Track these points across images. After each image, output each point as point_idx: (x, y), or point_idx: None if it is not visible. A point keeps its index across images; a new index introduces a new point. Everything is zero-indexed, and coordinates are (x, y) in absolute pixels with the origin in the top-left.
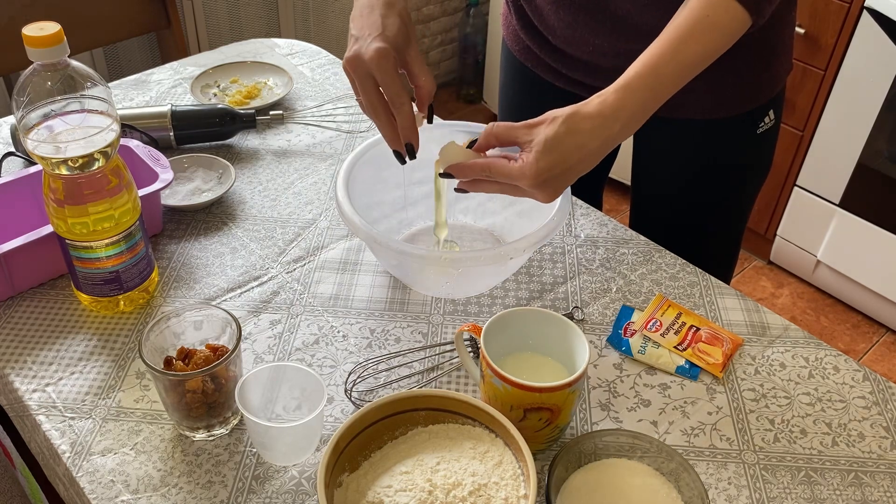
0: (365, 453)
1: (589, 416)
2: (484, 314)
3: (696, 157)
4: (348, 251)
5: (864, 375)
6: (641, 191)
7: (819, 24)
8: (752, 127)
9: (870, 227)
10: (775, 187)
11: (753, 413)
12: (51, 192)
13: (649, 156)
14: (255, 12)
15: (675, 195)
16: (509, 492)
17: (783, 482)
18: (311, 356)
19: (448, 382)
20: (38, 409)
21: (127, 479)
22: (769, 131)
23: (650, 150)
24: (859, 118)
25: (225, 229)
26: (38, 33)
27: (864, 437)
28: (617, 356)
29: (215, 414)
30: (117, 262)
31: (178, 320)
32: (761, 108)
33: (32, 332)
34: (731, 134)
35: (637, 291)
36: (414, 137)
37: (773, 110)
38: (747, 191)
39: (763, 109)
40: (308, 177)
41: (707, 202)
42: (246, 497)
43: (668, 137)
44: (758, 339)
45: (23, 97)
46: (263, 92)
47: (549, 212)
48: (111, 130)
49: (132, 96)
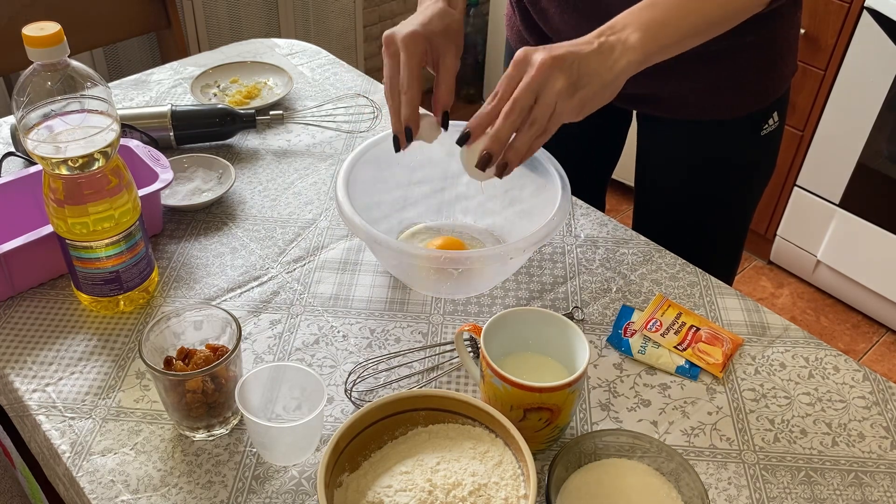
0: (365, 453)
1: (589, 416)
2: (484, 314)
3: (699, 158)
4: (348, 251)
5: (864, 375)
6: (645, 191)
7: (819, 24)
8: (755, 128)
9: (870, 227)
10: (775, 187)
11: (753, 413)
12: (51, 192)
13: (653, 155)
14: (255, 12)
15: (678, 195)
16: (509, 492)
17: (783, 482)
18: (311, 356)
19: (448, 382)
20: (38, 409)
21: (127, 479)
22: (773, 133)
23: (654, 149)
24: (859, 118)
25: (225, 229)
26: (38, 33)
27: (864, 437)
28: (617, 356)
29: (215, 414)
30: (117, 262)
31: (178, 320)
32: (765, 110)
33: (32, 332)
34: (735, 135)
35: (637, 291)
36: (413, 122)
37: (778, 112)
38: (751, 192)
39: (767, 111)
40: (308, 177)
41: (709, 203)
42: (246, 497)
43: (671, 137)
44: (758, 339)
45: (23, 97)
46: (263, 92)
47: (549, 212)
48: (111, 130)
49: (132, 96)
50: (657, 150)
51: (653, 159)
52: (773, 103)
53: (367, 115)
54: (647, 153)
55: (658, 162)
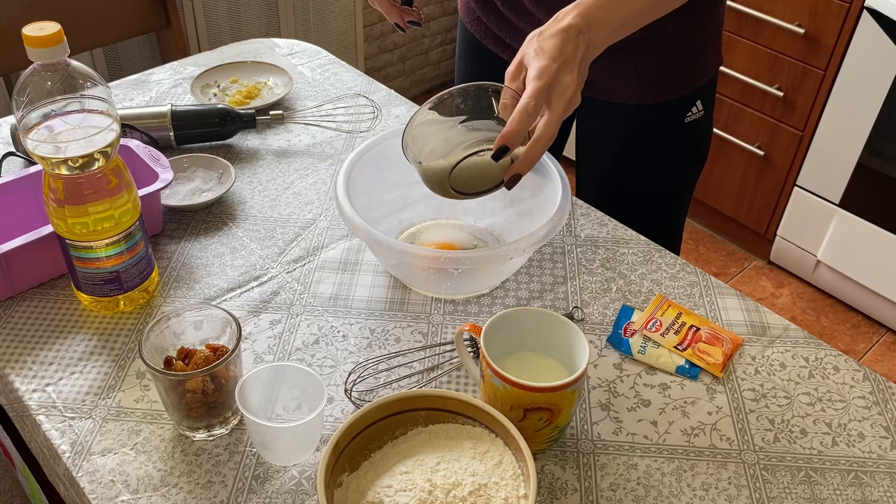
0: (365, 453)
1: (589, 416)
2: (484, 314)
3: (626, 139)
4: (348, 251)
5: (864, 375)
6: (582, 166)
7: (819, 24)
8: (679, 115)
9: (870, 227)
10: (775, 187)
11: (753, 413)
12: (51, 192)
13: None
14: (255, 12)
15: (609, 176)
16: (509, 492)
17: (783, 482)
18: (311, 356)
19: (448, 382)
20: (38, 409)
21: (127, 479)
22: (698, 122)
23: (589, 128)
24: (859, 118)
25: (225, 229)
26: (38, 33)
27: (864, 437)
28: (617, 356)
29: (215, 414)
30: (117, 262)
31: (178, 320)
32: (688, 98)
33: (32, 332)
34: (659, 120)
35: (637, 291)
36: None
37: (702, 101)
38: (679, 178)
39: (690, 99)
40: (308, 177)
41: (637, 187)
42: (246, 497)
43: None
44: (758, 339)
45: (23, 97)
46: (263, 92)
47: (549, 212)
48: (111, 130)
49: (132, 96)
50: (592, 128)
51: (588, 137)
52: (696, 92)
53: (367, 115)
54: (584, 131)
55: (592, 139)
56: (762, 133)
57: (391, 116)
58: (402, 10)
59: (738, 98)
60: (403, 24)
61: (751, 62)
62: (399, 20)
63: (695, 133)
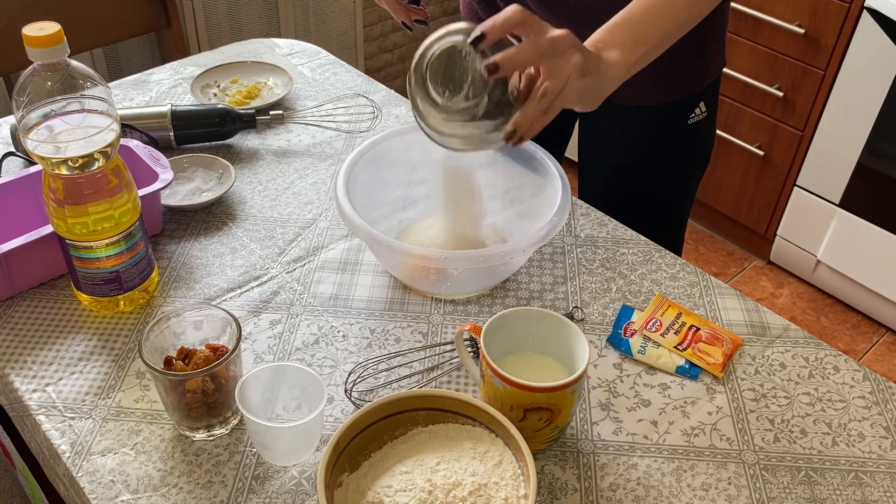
0: (365, 453)
1: (589, 416)
2: (484, 314)
3: (629, 139)
4: (348, 251)
5: (864, 375)
6: (584, 166)
7: (819, 24)
8: (682, 117)
9: (870, 227)
10: (775, 187)
11: (753, 413)
12: (51, 192)
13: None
14: (255, 12)
15: (612, 177)
16: (509, 492)
17: (783, 482)
18: (311, 356)
19: (448, 382)
20: (38, 409)
21: (127, 479)
22: (701, 123)
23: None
24: (859, 118)
25: (225, 229)
26: (38, 33)
27: (864, 437)
28: (617, 356)
29: (215, 414)
30: (117, 262)
31: (178, 320)
32: (691, 100)
33: (32, 332)
34: (662, 122)
35: (637, 291)
36: None
37: (705, 102)
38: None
39: (693, 101)
40: (308, 177)
41: (640, 188)
42: (246, 497)
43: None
44: (758, 339)
45: (23, 97)
46: (263, 92)
47: (549, 212)
48: (111, 130)
49: (132, 96)
50: (595, 130)
51: (591, 138)
52: (699, 94)
53: (367, 115)
54: (587, 132)
55: (595, 141)
56: (762, 133)
57: (391, 116)
58: (409, 8)
59: (738, 98)
60: (410, 23)
61: (751, 62)
62: (406, 18)
63: (698, 134)
